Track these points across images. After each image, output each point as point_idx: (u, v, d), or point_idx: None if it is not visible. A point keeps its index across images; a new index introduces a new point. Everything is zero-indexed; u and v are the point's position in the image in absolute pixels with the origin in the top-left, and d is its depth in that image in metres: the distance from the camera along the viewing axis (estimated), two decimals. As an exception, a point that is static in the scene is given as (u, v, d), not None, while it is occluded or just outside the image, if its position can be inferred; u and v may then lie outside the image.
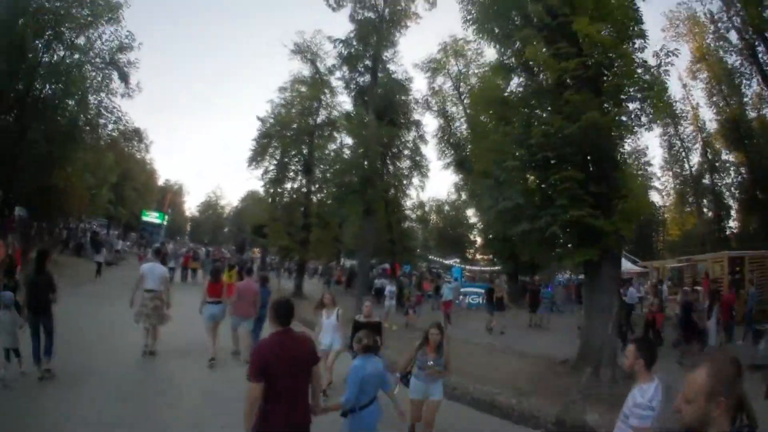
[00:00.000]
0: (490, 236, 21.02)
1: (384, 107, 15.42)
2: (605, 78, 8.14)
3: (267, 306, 5.47)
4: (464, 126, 22.58)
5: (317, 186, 20.25)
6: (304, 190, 20.68)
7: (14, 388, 5.54)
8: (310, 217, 19.95)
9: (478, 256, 34.91)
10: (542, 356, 9.51)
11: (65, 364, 6.34)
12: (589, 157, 7.76)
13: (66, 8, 14.13)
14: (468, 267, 30.06)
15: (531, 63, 8.12)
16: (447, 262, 30.49)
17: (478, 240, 32.17)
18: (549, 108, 7.74)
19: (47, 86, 15.03)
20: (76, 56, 14.68)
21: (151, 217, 43.38)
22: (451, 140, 22.58)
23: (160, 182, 52.96)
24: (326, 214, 19.38)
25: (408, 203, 21.78)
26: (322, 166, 19.56)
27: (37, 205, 16.99)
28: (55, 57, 14.56)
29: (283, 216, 20.58)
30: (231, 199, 76.65)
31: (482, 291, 18.76)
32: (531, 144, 7.28)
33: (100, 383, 6.06)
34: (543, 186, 7.68)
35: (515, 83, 9.15)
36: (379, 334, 6.04)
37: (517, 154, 7.79)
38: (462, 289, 18.68)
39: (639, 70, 8.05)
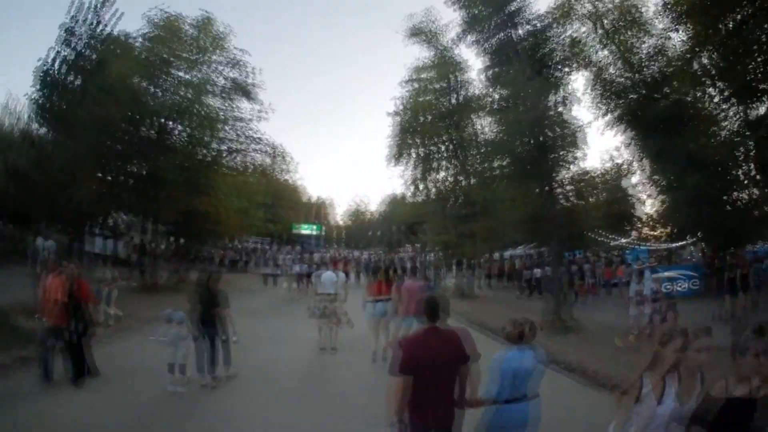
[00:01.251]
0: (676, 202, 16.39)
1: (532, 64, 12.74)
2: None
3: None
4: (621, 69, 18.02)
5: (472, 169, 17.83)
6: (460, 178, 18.75)
7: (193, 395, 5.87)
8: (471, 206, 17.48)
9: (653, 232, 28.40)
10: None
11: (246, 367, 6.85)
12: None
13: (169, 52, 14.58)
14: (644, 246, 24.63)
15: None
16: (621, 242, 25.33)
17: (649, 212, 26.01)
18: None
19: (173, 124, 15.81)
20: (189, 94, 15.05)
21: (306, 229, 46.88)
22: (611, 88, 18.09)
23: (310, 199, 57.10)
24: (488, 200, 16.62)
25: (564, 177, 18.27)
26: (486, 136, 17.11)
27: (188, 231, 18.82)
28: (177, 97, 15.09)
29: (438, 209, 18.94)
30: (376, 202, 79.89)
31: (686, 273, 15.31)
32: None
33: (280, 381, 6.61)
34: None
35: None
36: None
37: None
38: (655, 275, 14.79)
39: None
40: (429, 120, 18.48)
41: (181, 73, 15.19)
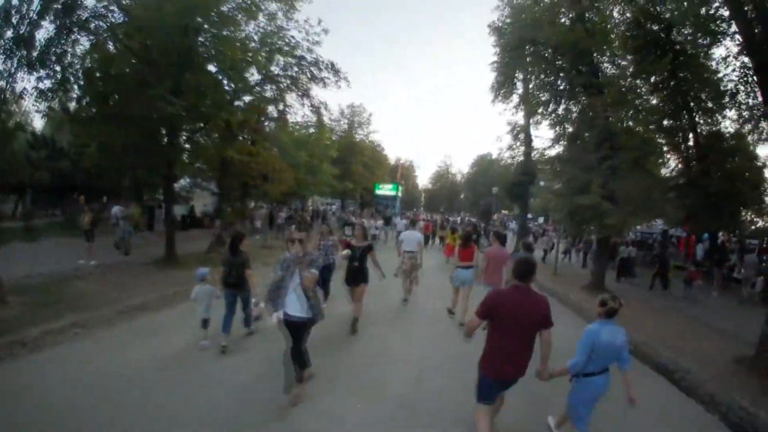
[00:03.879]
0: None
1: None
2: None
3: None
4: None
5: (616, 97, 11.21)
6: (591, 114, 11.87)
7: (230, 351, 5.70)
8: (620, 152, 10.94)
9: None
10: None
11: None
12: None
13: None
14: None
15: None
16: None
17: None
18: None
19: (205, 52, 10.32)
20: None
21: (385, 189, 42.85)
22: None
23: (391, 161, 52.58)
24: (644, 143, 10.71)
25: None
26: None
27: (227, 186, 15.69)
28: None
29: (564, 159, 13.05)
30: (461, 165, 74.51)
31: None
32: None
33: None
34: None
35: None
36: None
37: None
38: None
39: None
40: (548, 28, 12.46)
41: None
